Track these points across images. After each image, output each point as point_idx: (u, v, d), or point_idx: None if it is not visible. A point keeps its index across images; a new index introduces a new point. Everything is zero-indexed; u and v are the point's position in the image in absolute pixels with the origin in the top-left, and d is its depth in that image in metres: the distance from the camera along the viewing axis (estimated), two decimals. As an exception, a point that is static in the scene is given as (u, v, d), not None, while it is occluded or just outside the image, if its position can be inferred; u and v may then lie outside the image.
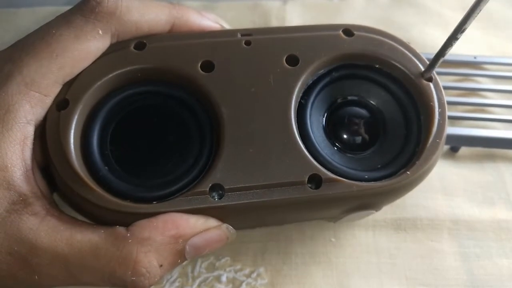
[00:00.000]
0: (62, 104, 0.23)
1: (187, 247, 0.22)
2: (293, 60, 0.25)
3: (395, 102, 0.26)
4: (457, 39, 0.23)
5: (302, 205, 0.23)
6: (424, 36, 0.43)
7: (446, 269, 0.31)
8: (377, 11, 0.46)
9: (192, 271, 0.31)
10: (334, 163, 0.24)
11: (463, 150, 0.36)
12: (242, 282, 0.30)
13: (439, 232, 0.32)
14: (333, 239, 0.32)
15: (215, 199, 0.22)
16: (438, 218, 0.33)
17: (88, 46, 0.23)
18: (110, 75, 0.24)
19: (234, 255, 0.31)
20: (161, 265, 0.22)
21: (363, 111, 0.26)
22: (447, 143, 0.36)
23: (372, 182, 0.24)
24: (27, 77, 0.22)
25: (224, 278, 0.30)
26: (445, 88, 0.27)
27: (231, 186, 0.22)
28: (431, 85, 0.26)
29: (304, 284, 0.30)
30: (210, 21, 0.27)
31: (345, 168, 0.24)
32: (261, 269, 0.31)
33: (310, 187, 0.23)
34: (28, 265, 0.21)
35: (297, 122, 0.24)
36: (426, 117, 0.25)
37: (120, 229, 0.22)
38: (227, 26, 0.28)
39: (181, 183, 0.23)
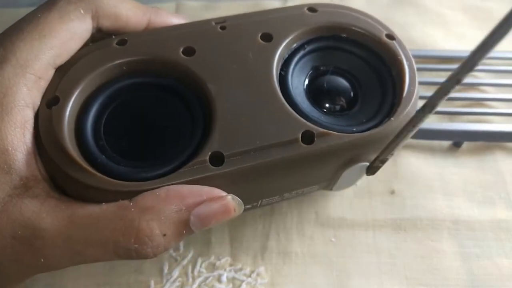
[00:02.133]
0: (52, 102, 0.24)
1: (191, 217, 0.22)
2: (267, 37, 0.27)
3: (367, 65, 0.28)
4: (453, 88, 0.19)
5: (298, 162, 0.24)
6: (424, 36, 0.43)
7: (446, 269, 0.31)
8: (377, 11, 0.46)
9: (192, 271, 0.31)
10: (323, 121, 0.25)
11: (463, 149, 0.36)
12: (242, 282, 0.30)
13: (439, 232, 0.32)
14: (333, 239, 0.32)
15: (215, 166, 0.23)
16: (438, 218, 0.33)
17: (72, 26, 0.24)
18: (97, 71, 0.25)
19: (234, 255, 0.31)
20: (164, 234, 0.22)
21: (339, 78, 0.28)
22: (448, 139, 0.36)
23: (362, 133, 0.25)
24: (21, 59, 0.22)
25: (224, 278, 0.30)
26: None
27: (230, 152, 0.23)
28: (395, 42, 0.28)
29: (304, 284, 0.30)
30: (183, 19, 0.29)
31: (333, 125, 0.25)
32: (261, 269, 0.31)
33: (304, 143, 0.24)
34: (33, 248, 0.21)
35: (281, 91, 0.26)
36: (397, 71, 0.27)
37: (123, 200, 0.22)
38: None
39: (180, 160, 0.23)
